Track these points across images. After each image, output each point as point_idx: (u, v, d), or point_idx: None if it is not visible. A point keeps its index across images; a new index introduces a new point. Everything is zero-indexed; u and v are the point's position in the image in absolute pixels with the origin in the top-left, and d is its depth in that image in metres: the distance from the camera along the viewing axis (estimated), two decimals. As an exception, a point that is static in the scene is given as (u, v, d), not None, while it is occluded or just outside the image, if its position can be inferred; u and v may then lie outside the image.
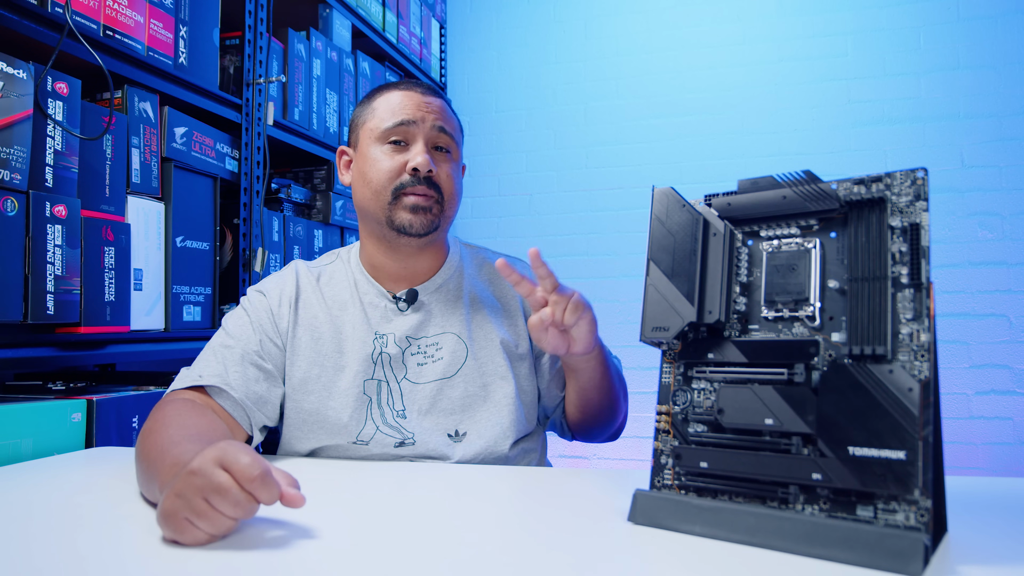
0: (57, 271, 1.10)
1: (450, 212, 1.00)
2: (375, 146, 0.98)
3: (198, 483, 0.56)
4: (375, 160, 0.97)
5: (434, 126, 0.98)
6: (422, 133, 0.97)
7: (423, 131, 0.97)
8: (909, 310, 0.54)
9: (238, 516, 0.57)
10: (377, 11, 2.26)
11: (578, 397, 0.98)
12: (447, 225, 1.01)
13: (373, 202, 0.97)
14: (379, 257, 1.01)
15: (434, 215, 0.96)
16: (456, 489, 0.77)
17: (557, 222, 2.73)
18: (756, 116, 2.55)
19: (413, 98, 0.98)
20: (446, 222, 1.00)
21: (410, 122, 0.97)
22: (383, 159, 0.97)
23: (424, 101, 0.99)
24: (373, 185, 0.97)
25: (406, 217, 0.95)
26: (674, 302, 0.63)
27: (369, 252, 1.02)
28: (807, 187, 0.60)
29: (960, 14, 2.39)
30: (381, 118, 0.98)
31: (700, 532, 0.58)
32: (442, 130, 0.98)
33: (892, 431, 0.51)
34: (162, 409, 0.84)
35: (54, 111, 1.11)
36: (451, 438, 0.96)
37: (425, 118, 0.97)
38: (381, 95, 1.01)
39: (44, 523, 0.63)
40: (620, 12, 2.72)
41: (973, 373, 2.33)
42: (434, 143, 0.98)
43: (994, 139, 2.34)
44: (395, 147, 0.97)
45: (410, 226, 0.95)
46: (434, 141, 0.98)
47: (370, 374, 0.96)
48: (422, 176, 0.95)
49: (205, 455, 0.58)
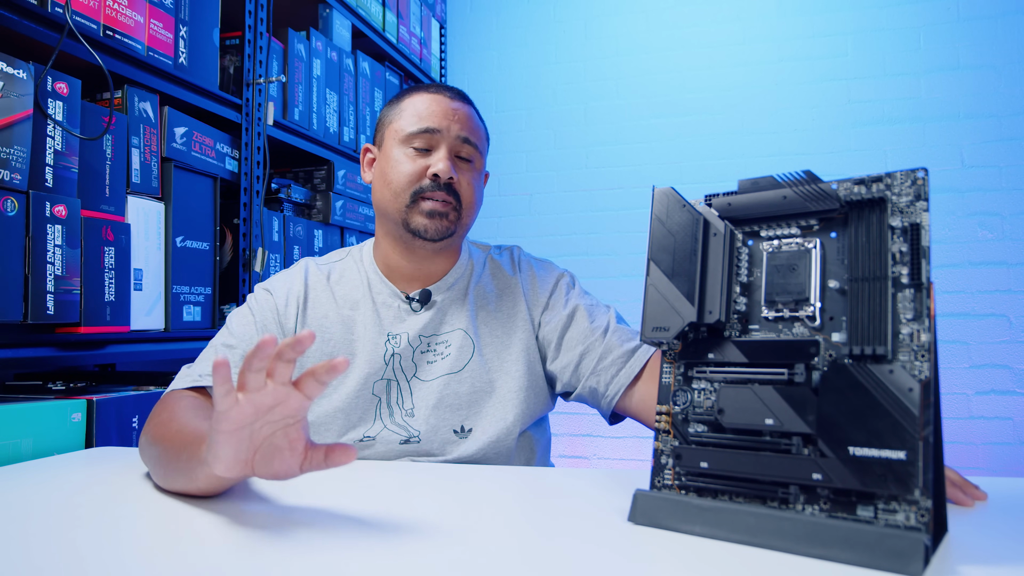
0: (57, 271, 1.10)
1: (467, 220, 1.00)
2: (398, 148, 0.98)
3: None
4: (397, 162, 0.98)
5: (459, 136, 0.98)
6: (446, 142, 0.97)
7: (447, 140, 0.97)
8: (909, 310, 0.54)
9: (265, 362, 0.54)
10: (377, 11, 2.26)
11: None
12: (463, 232, 1.01)
13: (392, 203, 0.98)
14: (394, 257, 1.01)
15: (450, 221, 0.97)
16: (456, 489, 0.77)
17: (557, 222, 2.73)
18: (756, 116, 2.55)
19: (441, 103, 0.99)
20: (462, 229, 1.00)
21: (435, 130, 0.97)
22: (405, 161, 0.97)
23: (452, 108, 0.99)
24: (393, 186, 0.97)
25: (422, 222, 0.96)
26: (674, 302, 0.63)
27: (384, 251, 1.03)
28: (807, 187, 0.60)
29: (960, 14, 2.39)
30: (407, 121, 0.98)
31: (700, 532, 0.58)
32: (466, 140, 0.99)
33: (892, 431, 0.51)
34: (166, 404, 0.85)
35: (54, 111, 1.11)
36: (457, 434, 0.96)
37: (451, 127, 0.98)
38: (409, 97, 1.01)
39: (44, 523, 0.63)
40: (620, 12, 2.72)
41: (973, 373, 2.33)
42: (457, 152, 0.99)
43: (994, 139, 2.34)
44: (418, 152, 0.97)
45: (425, 231, 0.96)
46: (457, 150, 0.99)
47: (380, 375, 0.97)
48: (442, 182, 0.96)
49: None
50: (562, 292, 1.04)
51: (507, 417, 0.96)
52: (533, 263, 1.09)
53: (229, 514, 0.67)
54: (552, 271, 1.07)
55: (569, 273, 1.08)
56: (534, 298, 1.04)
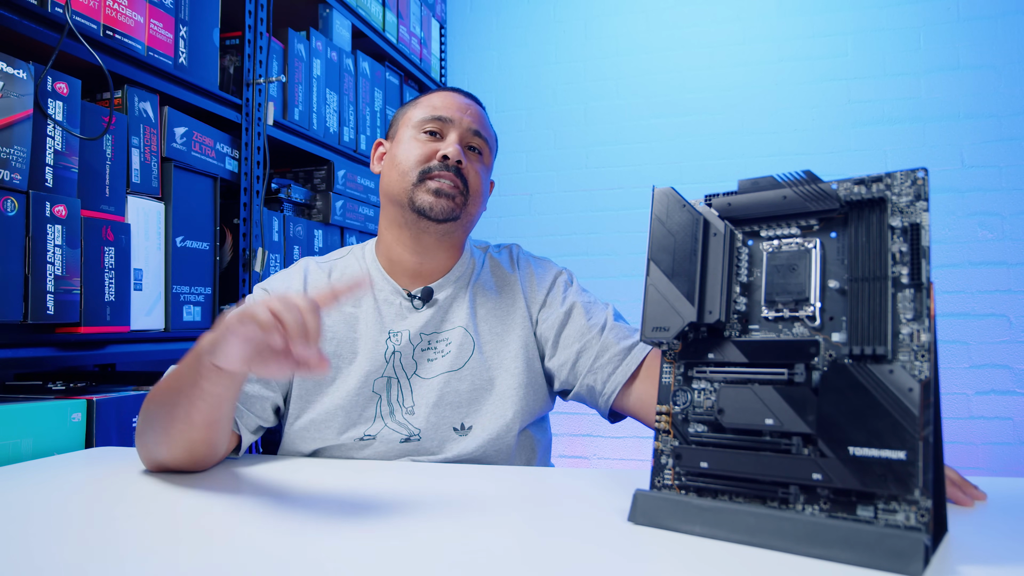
0: (57, 271, 1.10)
1: (473, 209, 1.02)
2: (410, 132, 1.02)
3: (240, 315, 0.65)
4: (407, 143, 1.01)
5: (470, 128, 1.02)
6: (457, 130, 1.01)
7: (459, 129, 1.01)
8: (909, 310, 0.54)
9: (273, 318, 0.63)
10: (377, 11, 2.26)
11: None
12: (468, 222, 1.02)
13: (399, 183, 0.99)
14: (397, 250, 1.02)
15: (456, 204, 0.98)
16: (456, 488, 0.77)
17: (557, 222, 2.73)
18: (756, 116, 2.55)
19: (455, 99, 1.04)
20: (467, 218, 1.01)
21: (447, 119, 1.01)
22: (416, 144, 1.00)
23: (465, 103, 1.03)
24: (401, 166, 1.00)
25: (427, 200, 0.97)
26: (674, 302, 0.63)
27: (387, 245, 1.03)
28: (807, 187, 0.60)
29: (960, 14, 2.39)
30: (420, 111, 1.03)
31: (700, 532, 0.58)
32: (477, 133, 1.02)
33: (892, 431, 0.51)
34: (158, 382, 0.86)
35: (54, 111, 1.11)
36: (457, 432, 0.96)
37: (462, 120, 1.02)
38: (424, 95, 1.06)
39: (44, 523, 0.63)
40: (620, 12, 2.72)
41: (973, 373, 2.33)
42: (468, 143, 1.02)
43: (994, 139, 2.34)
44: (430, 136, 1.01)
45: (430, 209, 0.97)
46: (468, 141, 1.02)
47: (380, 372, 0.97)
48: (451, 164, 0.98)
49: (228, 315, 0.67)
50: (560, 289, 1.04)
51: (506, 414, 0.96)
52: (531, 261, 1.09)
53: (229, 514, 0.67)
54: (550, 268, 1.07)
55: (567, 271, 1.08)
56: (532, 295, 1.04)
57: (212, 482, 0.79)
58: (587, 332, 0.98)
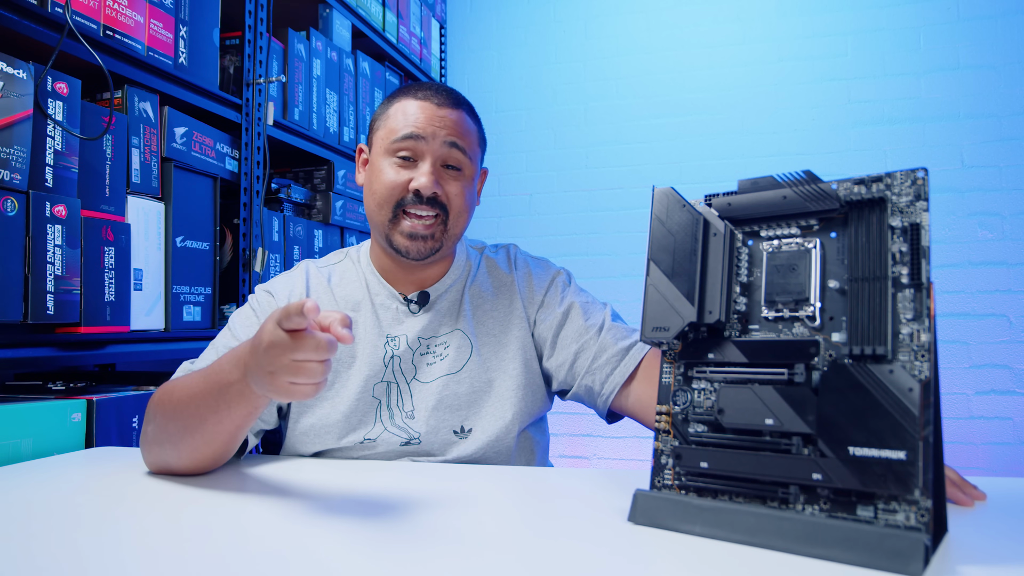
0: (57, 271, 1.10)
1: (456, 230, 0.99)
2: (384, 158, 0.97)
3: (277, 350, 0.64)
4: (381, 171, 0.97)
5: (445, 142, 0.95)
6: (431, 152, 0.95)
7: (432, 149, 0.95)
8: (909, 310, 0.54)
9: (323, 356, 0.64)
10: (377, 11, 2.26)
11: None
12: (452, 242, 1.00)
13: (376, 214, 0.98)
14: (387, 261, 1.02)
15: (435, 240, 0.96)
16: (456, 489, 0.77)
17: (557, 222, 2.73)
18: (756, 116, 2.55)
19: (427, 110, 0.96)
20: (450, 240, 0.99)
21: (419, 137, 0.95)
22: (389, 172, 0.96)
23: (439, 115, 0.96)
24: (377, 197, 0.97)
25: (403, 243, 0.96)
26: (674, 302, 0.63)
27: (378, 254, 1.03)
28: (807, 187, 0.60)
29: (960, 14, 2.39)
30: (392, 128, 0.97)
31: (700, 532, 0.58)
32: (454, 145, 0.96)
33: (892, 431, 0.51)
34: (173, 382, 0.85)
35: (54, 111, 1.11)
36: (457, 435, 0.96)
37: (436, 134, 0.95)
38: (398, 101, 0.99)
39: (44, 523, 0.63)
40: (620, 12, 2.72)
41: (973, 373, 2.33)
42: (444, 160, 0.97)
43: (994, 139, 2.34)
44: (403, 162, 0.96)
45: (407, 252, 0.96)
46: (444, 159, 0.96)
47: (380, 377, 0.97)
48: (425, 197, 0.94)
49: (266, 326, 0.66)
50: (558, 290, 1.04)
51: (506, 415, 0.96)
52: (529, 261, 1.08)
53: (229, 514, 0.68)
54: (548, 269, 1.07)
55: (565, 271, 1.07)
56: (530, 296, 1.04)
57: (213, 482, 0.79)
58: (585, 333, 0.98)
